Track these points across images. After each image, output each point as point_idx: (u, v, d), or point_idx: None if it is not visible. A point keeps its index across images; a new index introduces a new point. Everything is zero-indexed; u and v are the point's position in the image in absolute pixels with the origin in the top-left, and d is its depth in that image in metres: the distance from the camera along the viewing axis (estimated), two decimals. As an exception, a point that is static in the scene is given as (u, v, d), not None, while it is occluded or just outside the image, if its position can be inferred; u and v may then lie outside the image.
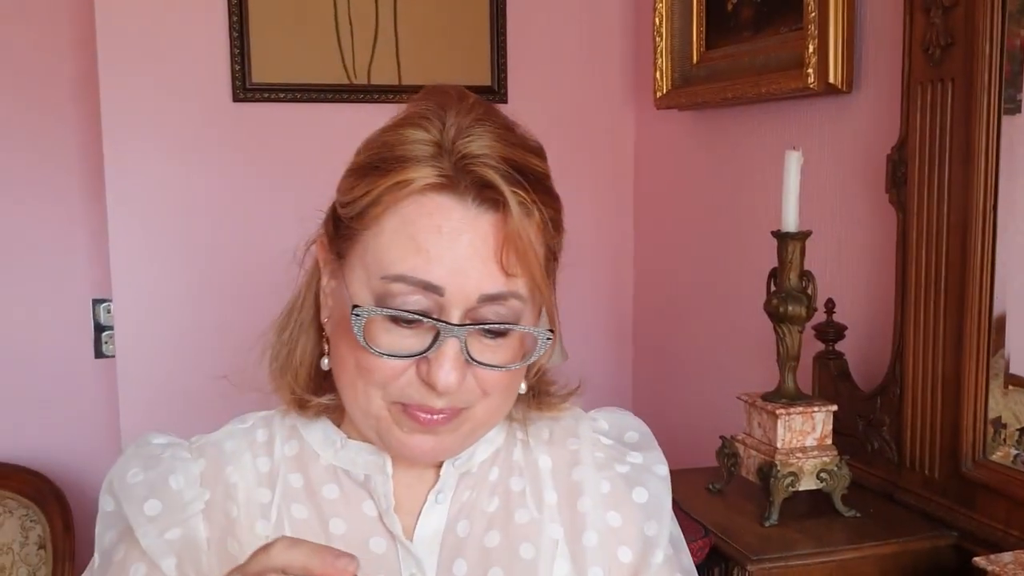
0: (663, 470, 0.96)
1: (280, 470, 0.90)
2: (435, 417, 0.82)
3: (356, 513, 0.88)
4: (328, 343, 0.87)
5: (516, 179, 0.79)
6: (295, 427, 0.92)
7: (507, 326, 0.81)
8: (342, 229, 0.83)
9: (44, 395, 2.59)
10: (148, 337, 2.40)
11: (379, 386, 0.82)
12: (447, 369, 0.79)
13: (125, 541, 0.87)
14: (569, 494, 0.93)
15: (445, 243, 0.78)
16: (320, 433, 0.91)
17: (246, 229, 2.43)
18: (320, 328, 0.89)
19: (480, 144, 0.80)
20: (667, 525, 0.95)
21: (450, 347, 0.79)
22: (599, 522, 0.92)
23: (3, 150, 2.53)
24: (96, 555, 0.91)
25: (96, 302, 2.61)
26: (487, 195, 0.79)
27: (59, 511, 2.34)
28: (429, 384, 0.80)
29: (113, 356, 2.47)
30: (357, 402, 0.84)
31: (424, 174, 0.79)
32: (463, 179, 0.79)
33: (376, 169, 0.81)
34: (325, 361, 0.88)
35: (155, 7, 2.33)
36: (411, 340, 0.80)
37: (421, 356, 0.80)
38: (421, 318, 0.79)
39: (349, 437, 0.90)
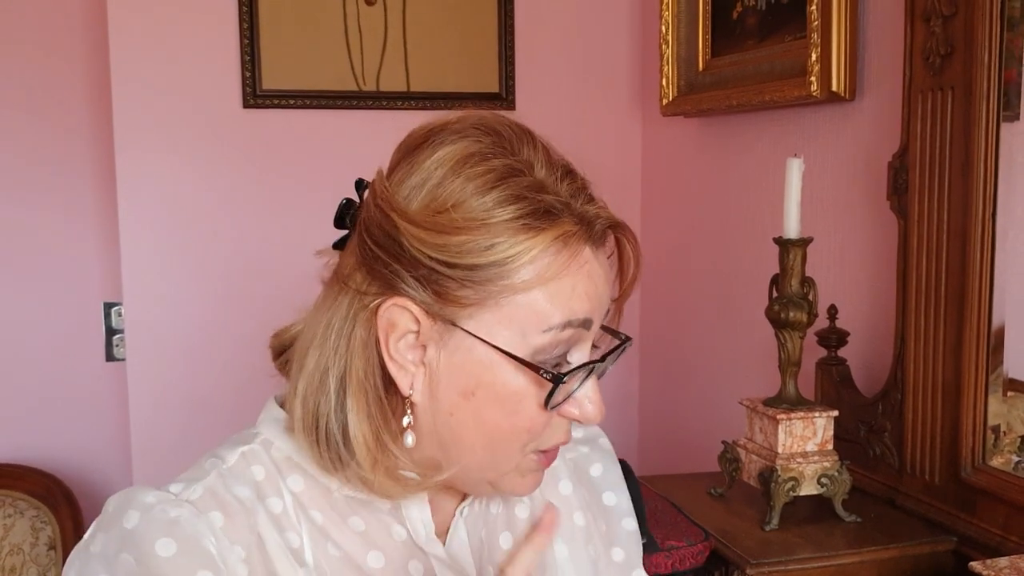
0: (605, 442, 1.00)
1: (296, 508, 0.81)
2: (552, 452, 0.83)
3: (388, 542, 0.84)
4: (413, 413, 0.79)
5: (622, 222, 0.82)
6: (290, 458, 0.82)
7: (620, 344, 0.83)
8: (457, 291, 0.75)
9: (55, 397, 2.61)
10: (158, 341, 2.43)
11: (527, 442, 0.80)
12: (598, 399, 0.80)
13: None
14: (549, 480, 0.93)
15: (594, 286, 0.79)
16: (417, 515, 0.85)
17: (256, 234, 2.45)
18: (380, 402, 0.79)
19: (581, 180, 0.81)
20: (624, 493, 0.99)
21: (592, 379, 0.80)
22: (579, 501, 0.95)
23: (16, 156, 2.56)
24: None
25: (107, 306, 2.63)
26: (607, 241, 0.81)
27: (69, 512, 2.36)
28: (577, 419, 0.80)
29: (124, 359, 2.50)
30: (494, 462, 0.80)
31: (570, 228, 0.76)
32: (594, 225, 0.79)
33: (511, 226, 0.74)
34: (410, 438, 0.79)
35: (166, 14, 2.36)
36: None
37: (570, 397, 0.80)
38: (592, 364, 0.79)
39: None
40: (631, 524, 0.98)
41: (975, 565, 1.22)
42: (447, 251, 0.74)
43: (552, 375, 0.76)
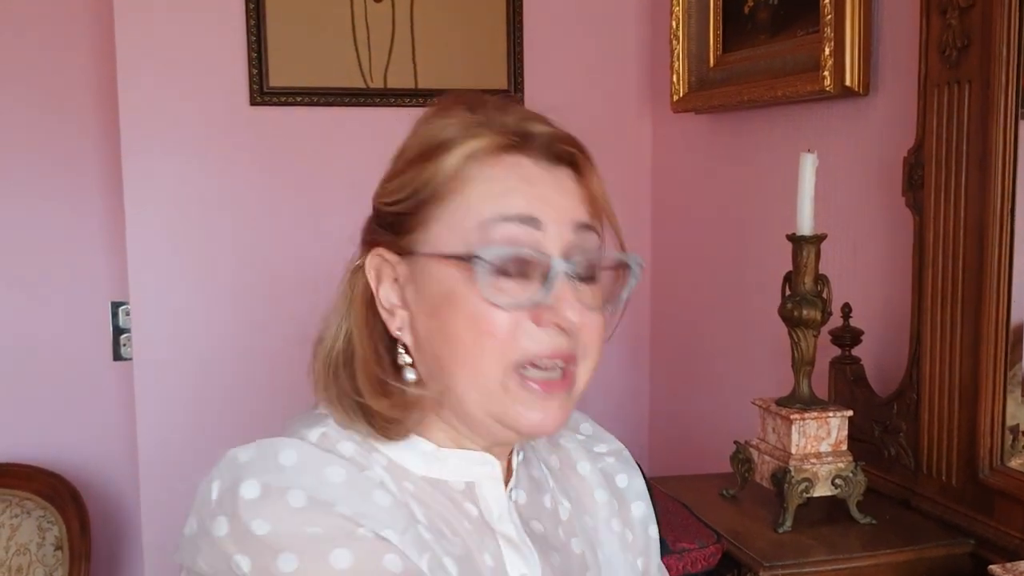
0: (627, 453, 1.04)
1: (392, 480, 0.84)
2: (556, 379, 0.82)
3: (462, 520, 0.85)
4: (409, 353, 0.85)
5: (574, 139, 0.85)
6: (368, 440, 0.85)
7: (613, 254, 0.84)
8: (407, 222, 0.84)
9: (62, 397, 2.60)
10: (165, 340, 2.41)
11: (499, 351, 0.80)
12: (571, 302, 0.80)
13: (344, 545, 0.74)
14: (584, 487, 0.98)
15: (533, 188, 0.82)
16: (402, 446, 0.86)
17: (263, 232, 2.44)
18: (376, 348, 0.86)
19: (528, 112, 0.85)
20: (648, 502, 1.02)
21: (564, 283, 0.81)
22: (613, 509, 0.98)
23: (23, 154, 2.55)
24: None
25: (115, 305, 2.62)
26: (555, 152, 0.84)
27: (76, 512, 2.35)
28: (556, 323, 0.81)
29: (131, 359, 2.48)
30: (473, 380, 0.82)
31: (496, 139, 0.82)
32: (530, 141, 0.83)
33: (438, 150, 0.83)
34: (410, 374, 0.85)
35: (173, 12, 2.35)
36: (522, 292, 0.81)
37: (539, 302, 0.80)
38: (534, 253, 0.80)
39: (439, 446, 0.87)
40: (654, 531, 1.02)
41: (995, 569, 1.19)
42: (394, 192, 0.85)
43: (470, 257, 0.79)
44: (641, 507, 1.01)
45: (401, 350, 0.86)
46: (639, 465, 1.06)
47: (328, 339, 0.88)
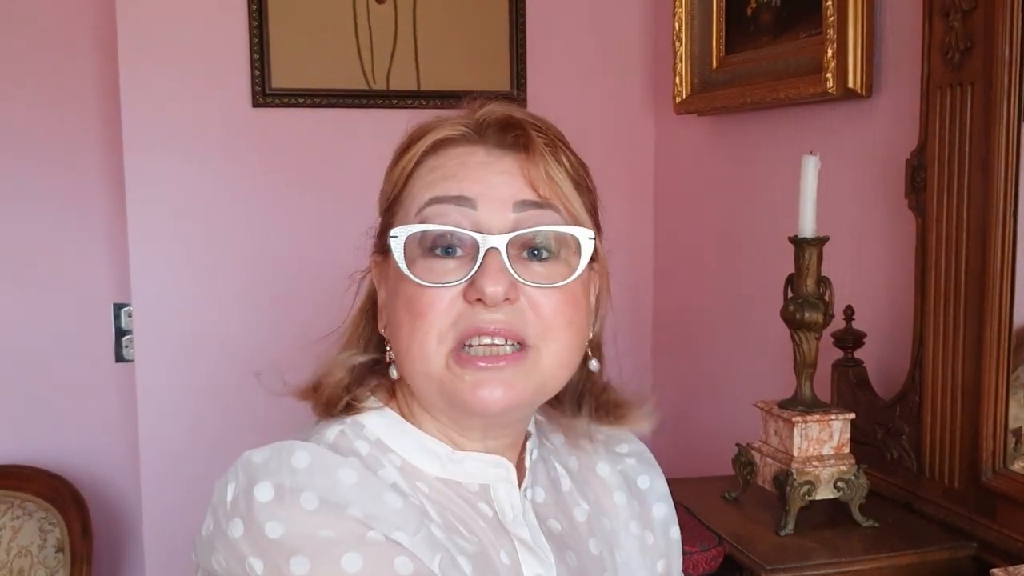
0: (648, 455, 1.05)
1: (405, 479, 0.85)
2: (495, 349, 0.81)
3: (477, 520, 0.86)
4: (390, 347, 0.87)
5: (535, 125, 0.85)
6: (381, 440, 0.87)
7: (546, 227, 0.83)
8: (384, 221, 0.88)
9: (64, 398, 2.60)
10: (167, 341, 2.41)
11: (435, 330, 0.81)
12: (491, 275, 0.79)
13: (354, 549, 0.75)
14: (603, 489, 0.98)
15: (474, 171, 0.83)
16: (416, 446, 0.87)
17: (265, 234, 2.44)
18: (365, 343, 0.91)
19: (496, 105, 0.87)
20: (670, 504, 1.03)
21: (491, 259, 0.80)
22: (633, 511, 0.99)
23: (25, 156, 2.55)
24: None
25: (117, 306, 2.62)
26: (509, 138, 0.84)
27: (77, 514, 2.35)
28: (478, 300, 0.80)
29: (133, 360, 2.48)
30: (417, 364, 0.83)
31: (447, 130, 0.85)
32: (486, 131, 0.85)
33: (405, 148, 0.87)
34: (394, 371, 0.87)
35: (175, 13, 2.34)
36: (456, 272, 0.81)
37: (468, 281, 0.81)
38: (452, 228, 0.81)
39: (455, 448, 0.88)
40: (676, 533, 1.02)
41: (997, 572, 1.19)
42: (381, 195, 0.89)
43: (394, 231, 0.83)
44: (663, 509, 1.01)
45: (388, 347, 0.88)
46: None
47: (343, 334, 0.93)
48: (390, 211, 0.88)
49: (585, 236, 0.85)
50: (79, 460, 2.57)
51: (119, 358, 2.64)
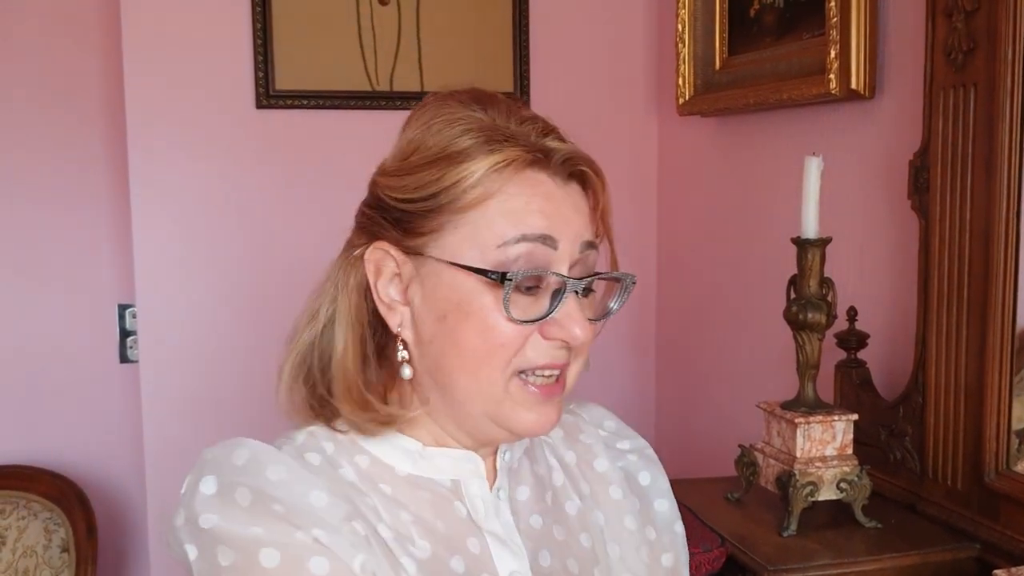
0: (650, 451, 1.06)
1: (365, 479, 0.87)
2: (552, 383, 0.86)
3: (451, 516, 0.89)
4: (408, 350, 0.87)
5: (584, 156, 0.88)
6: (355, 441, 0.89)
7: (616, 273, 0.88)
8: (420, 223, 0.85)
9: (69, 399, 2.61)
10: (171, 342, 2.42)
11: (505, 359, 0.84)
12: (579, 320, 0.84)
13: (274, 545, 0.78)
14: (600, 483, 0.99)
15: (554, 207, 0.84)
16: (389, 445, 0.89)
17: (269, 235, 2.44)
18: (364, 340, 0.89)
19: (542, 123, 0.87)
20: (672, 500, 1.04)
21: (573, 300, 0.85)
22: (629, 507, 0.99)
23: (30, 157, 2.56)
24: None
25: (122, 307, 2.63)
26: (573, 169, 0.86)
27: (82, 514, 2.36)
28: (562, 339, 0.84)
29: (137, 361, 2.49)
30: (476, 386, 0.85)
31: (519, 153, 0.84)
32: (551, 156, 0.85)
33: (460, 156, 0.84)
34: (407, 370, 0.87)
35: (180, 16, 2.35)
36: (534, 307, 0.84)
37: (549, 318, 0.84)
38: (551, 274, 0.84)
39: (425, 444, 0.90)
40: (680, 527, 1.03)
41: (999, 573, 1.19)
42: (407, 189, 0.85)
43: (500, 275, 0.82)
44: (664, 504, 1.03)
45: (400, 346, 0.87)
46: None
47: (305, 313, 0.91)
48: (441, 216, 0.84)
49: (630, 280, 0.90)
50: (84, 461, 2.58)
51: (124, 359, 2.65)
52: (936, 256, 1.51)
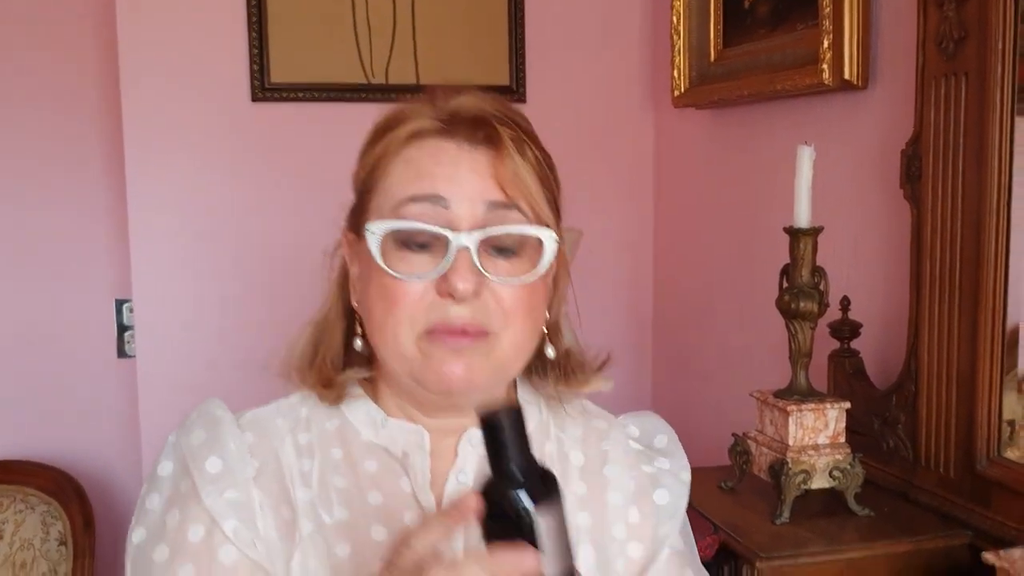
0: (686, 476, 1.03)
1: (321, 443, 0.94)
2: (460, 336, 0.87)
3: (393, 488, 0.92)
4: (361, 325, 0.93)
5: (505, 120, 0.90)
6: (337, 407, 0.96)
7: (514, 228, 0.88)
8: (360, 202, 0.93)
9: (67, 393, 2.62)
10: (168, 337, 2.42)
11: (407, 318, 0.87)
12: (462, 273, 0.85)
13: (178, 505, 0.90)
14: (600, 487, 0.98)
15: (446, 169, 0.88)
16: (362, 412, 0.96)
17: (266, 229, 2.44)
18: (350, 317, 0.95)
19: (468, 98, 0.91)
20: (678, 527, 1.01)
21: (462, 256, 0.86)
22: (621, 516, 0.97)
23: (26, 153, 2.56)
24: (140, 527, 0.94)
25: (119, 302, 2.63)
26: (480, 134, 0.88)
27: (80, 508, 2.36)
28: (449, 294, 0.86)
29: (135, 356, 2.49)
30: (390, 346, 0.89)
31: (422, 123, 0.89)
32: (457, 125, 0.89)
33: (380, 135, 0.92)
34: (358, 342, 0.94)
35: (175, 9, 2.35)
36: (427, 265, 0.87)
37: (439, 274, 0.86)
38: (427, 227, 0.86)
39: (388, 416, 0.95)
40: (666, 554, 0.99)
41: (988, 556, 1.20)
42: (355, 174, 0.95)
43: (369, 226, 0.88)
44: (668, 528, 1.00)
45: (358, 320, 0.94)
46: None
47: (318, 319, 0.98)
48: (365, 197, 0.93)
49: (549, 238, 0.90)
50: (81, 454, 2.59)
51: (121, 353, 2.65)
52: (928, 245, 1.52)
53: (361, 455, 0.94)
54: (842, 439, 1.52)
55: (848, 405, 1.54)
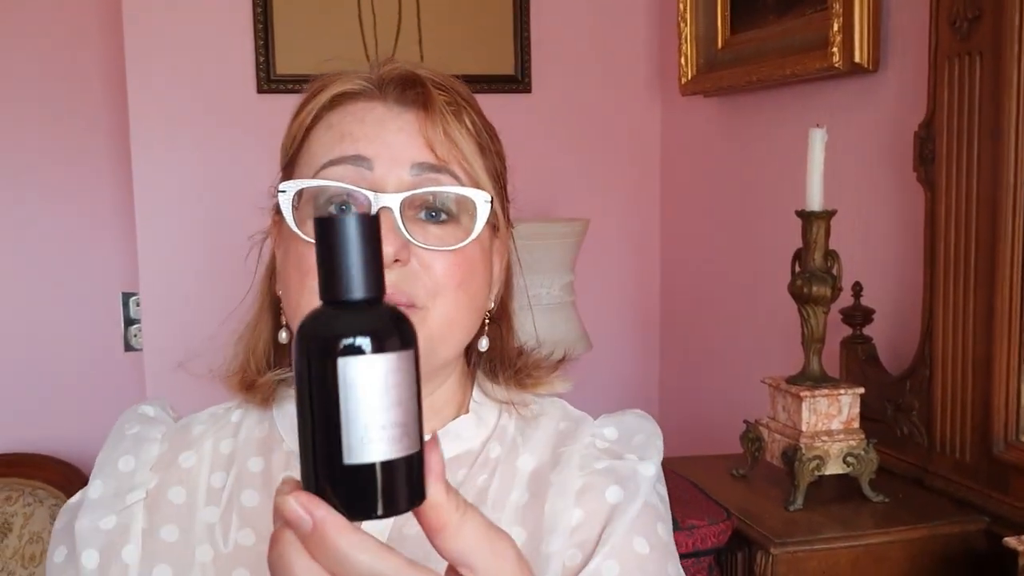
0: (649, 469, 0.87)
1: (240, 454, 0.88)
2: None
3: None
4: (284, 312, 0.86)
5: (441, 85, 0.83)
6: (269, 412, 0.91)
7: (441, 188, 0.80)
8: (282, 180, 0.85)
9: (74, 387, 2.61)
10: (174, 330, 2.41)
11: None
12: (383, 233, 0.76)
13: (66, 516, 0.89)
14: (540, 495, 0.85)
15: (371, 129, 0.81)
16: (289, 419, 0.87)
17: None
18: (277, 310, 0.89)
19: (403, 64, 0.85)
20: (627, 525, 0.84)
21: (384, 217, 0.76)
22: (562, 522, 0.83)
23: (33, 148, 2.55)
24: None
25: (126, 295, 2.63)
26: (410, 94, 0.82)
27: (88, 501, 2.35)
28: None
29: (141, 349, 2.48)
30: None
31: (347, 85, 0.83)
32: (387, 87, 0.82)
33: (305, 102, 0.85)
34: (283, 334, 0.88)
35: (180, 2, 2.34)
36: None
37: None
38: (343, 184, 0.79)
39: None
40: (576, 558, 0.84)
41: (1010, 540, 1.18)
42: (281, 154, 0.88)
43: (282, 185, 0.81)
44: (617, 493, 0.85)
45: (282, 310, 0.87)
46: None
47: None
48: (288, 168, 0.86)
49: (481, 199, 0.81)
50: (89, 448, 2.56)
51: (128, 347, 2.64)
52: (943, 227, 1.50)
53: (280, 467, 0.85)
54: (856, 425, 1.51)
55: (862, 390, 1.52)
